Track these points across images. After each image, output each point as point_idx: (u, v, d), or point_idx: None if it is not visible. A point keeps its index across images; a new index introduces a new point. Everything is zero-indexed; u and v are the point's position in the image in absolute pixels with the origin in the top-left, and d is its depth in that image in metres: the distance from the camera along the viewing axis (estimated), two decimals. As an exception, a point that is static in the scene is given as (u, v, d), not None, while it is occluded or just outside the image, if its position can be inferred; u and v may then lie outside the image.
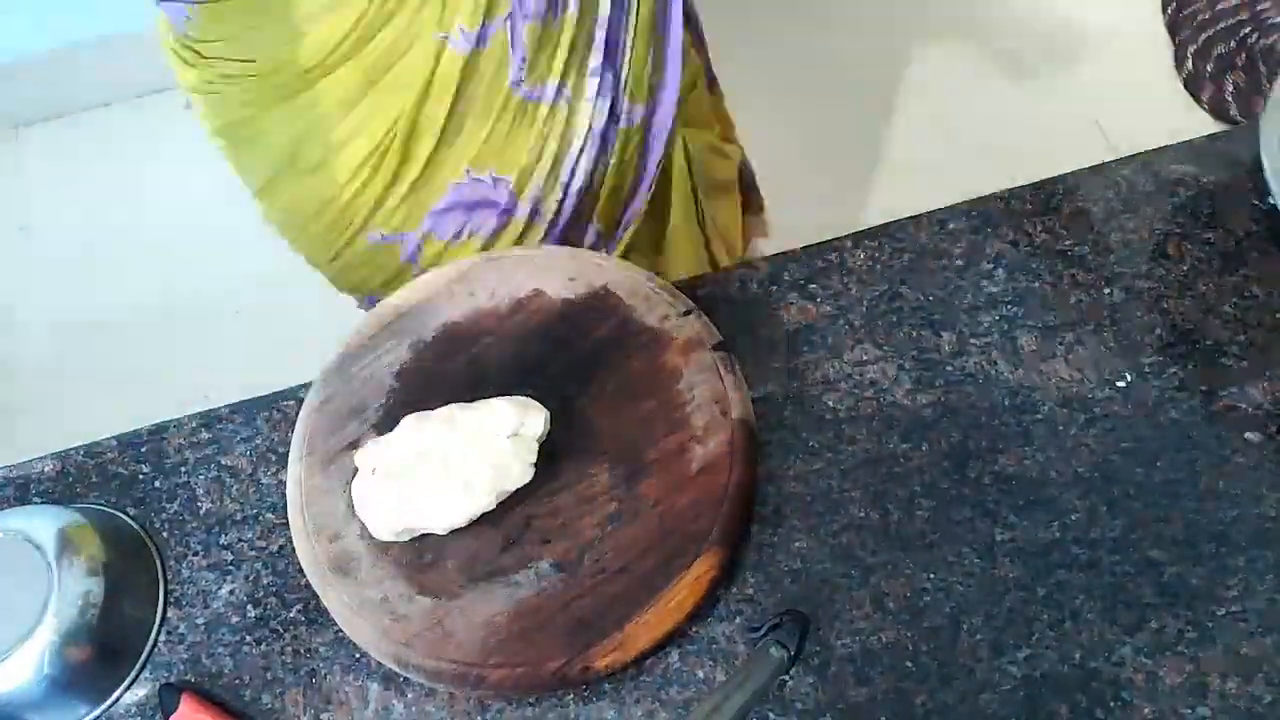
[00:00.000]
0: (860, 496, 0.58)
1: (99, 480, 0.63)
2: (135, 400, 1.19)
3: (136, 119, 1.86)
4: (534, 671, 0.52)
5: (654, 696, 0.54)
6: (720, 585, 0.55)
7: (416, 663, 0.53)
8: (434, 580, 0.55)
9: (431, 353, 0.62)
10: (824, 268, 0.66)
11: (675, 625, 0.53)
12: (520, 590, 0.54)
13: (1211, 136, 0.69)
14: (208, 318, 1.64)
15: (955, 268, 0.65)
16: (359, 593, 0.55)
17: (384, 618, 0.54)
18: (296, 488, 0.58)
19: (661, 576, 0.53)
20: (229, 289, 1.64)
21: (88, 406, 1.51)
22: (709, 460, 0.56)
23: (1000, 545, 0.56)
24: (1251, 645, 0.52)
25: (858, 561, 0.56)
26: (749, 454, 0.57)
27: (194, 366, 1.55)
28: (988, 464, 0.58)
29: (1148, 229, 0.66)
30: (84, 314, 1.67)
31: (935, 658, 0.54)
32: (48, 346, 1.66)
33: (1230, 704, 0.51)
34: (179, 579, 0.60)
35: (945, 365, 0.62)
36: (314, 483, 0.58)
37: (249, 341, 1.58)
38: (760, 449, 0.59)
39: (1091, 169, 0.68)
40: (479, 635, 0.53)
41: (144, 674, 0.57)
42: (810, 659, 0.54)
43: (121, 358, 1.62)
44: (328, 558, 0.56)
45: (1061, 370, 0.61)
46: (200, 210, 1.74)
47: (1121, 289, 0.63)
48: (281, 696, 0.56)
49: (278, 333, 1.44)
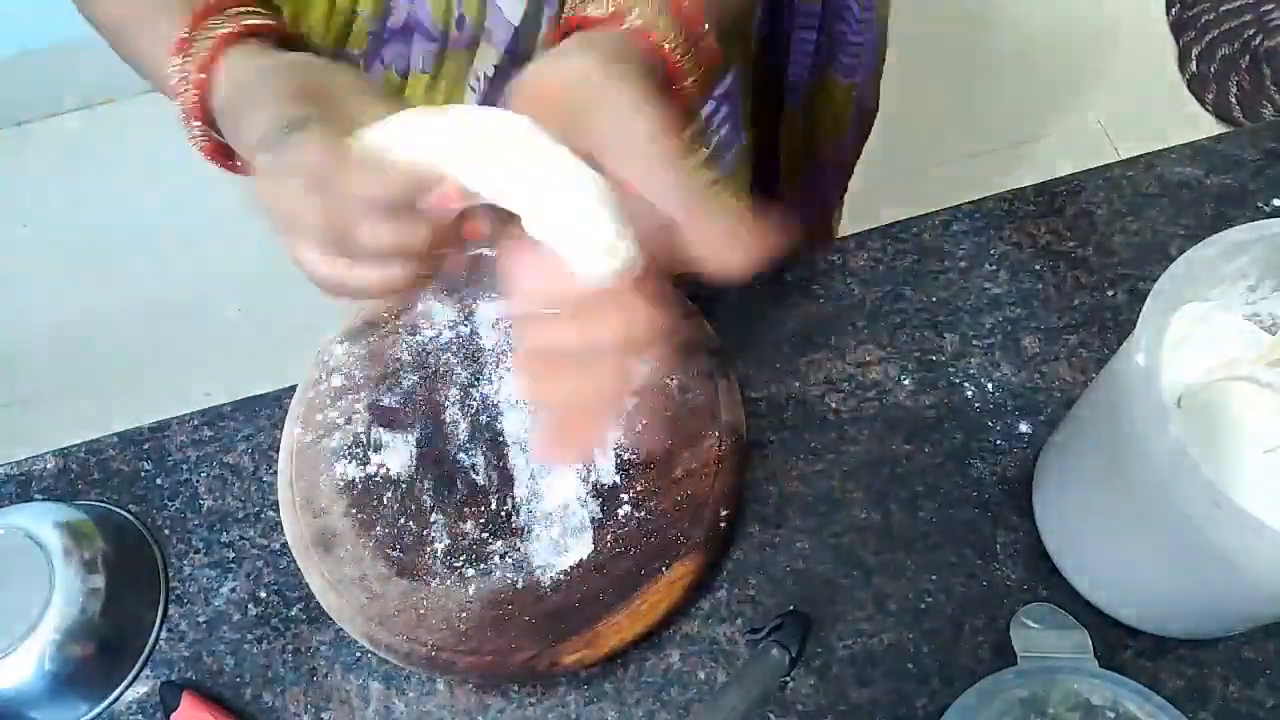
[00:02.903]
0: (862, 497, 0.58)
1: (101, 477, 0.63)
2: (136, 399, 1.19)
3: (137, 117, 1.86)
4: (502, 661, 0.52)
5: (655, 697, 0.54)
6: (698, 590, 0.55)
7: (388, 642, 0.53)
8: (412, 562, 0.55)
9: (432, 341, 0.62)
10: (826, 268, 0.66)
11: (648, 627, 0.53)
12: (496, 580, 0.54)
13: (1215, 138, 0.69)
14: (208, 317, 1.64)
15: (958, 269, 0.65)
16: (338, 569, 0.55)
17: (360, 595, 0.54)
18: (288, 461, 0.59)
19: (637, 578, 0.54)
20: (229, 288, 1.65)
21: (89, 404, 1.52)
22: (694, 466, 0.56)
23: (1004, 547, 0.56)
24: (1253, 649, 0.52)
25: (859, 562, 0.56)
26: (735, 461, 0.57)
27: (194, 365, 1.56)
28: (990, 465, 0.58)
29: (1151, 231, 0.66)
30: (84, 312, 1.68)
31: (937, 659, 0.54)
32: (48, 344, 1.66)
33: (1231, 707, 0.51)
34: (180, 576, 0.60)
35: (948, 366, 0.62)
36: (305, 457, 0.59)
37: (249, 341, 1.58)
38: (749, 456, 0.59)
39: (1095, 170, 0.68)
40: (452, 621, 0.53)
41: (145, 671, 0.57)
42: (812, 660, 0.54)
43: (122, 356, 1.62)
44: (311, 532, 0.56)
45: (1064, 372, 0.61)
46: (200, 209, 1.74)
47: (1125, 291, 0.63)
48: (282, 694, 0.56)
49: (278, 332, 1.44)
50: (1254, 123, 1.69)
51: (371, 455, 0.58)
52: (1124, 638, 0.53)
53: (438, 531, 0.56)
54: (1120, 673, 0.48)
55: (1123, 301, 0.63)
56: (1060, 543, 0.54)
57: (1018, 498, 0.57)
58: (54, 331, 1.67)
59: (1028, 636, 0.51)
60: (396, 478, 0.58)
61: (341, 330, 0.63)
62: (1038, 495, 0.56)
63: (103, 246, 1.73)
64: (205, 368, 1.52)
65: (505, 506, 0.56)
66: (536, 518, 0.56)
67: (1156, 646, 0.53)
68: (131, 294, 1.68)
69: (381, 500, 0.57)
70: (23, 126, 1.88)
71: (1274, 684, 0.52)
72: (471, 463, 0.58)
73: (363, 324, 0.63)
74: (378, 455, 0.58)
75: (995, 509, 0.57)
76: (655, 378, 0.59)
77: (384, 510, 0.57)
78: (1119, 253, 0.65)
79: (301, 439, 0.59)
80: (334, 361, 0.62)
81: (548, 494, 0.56)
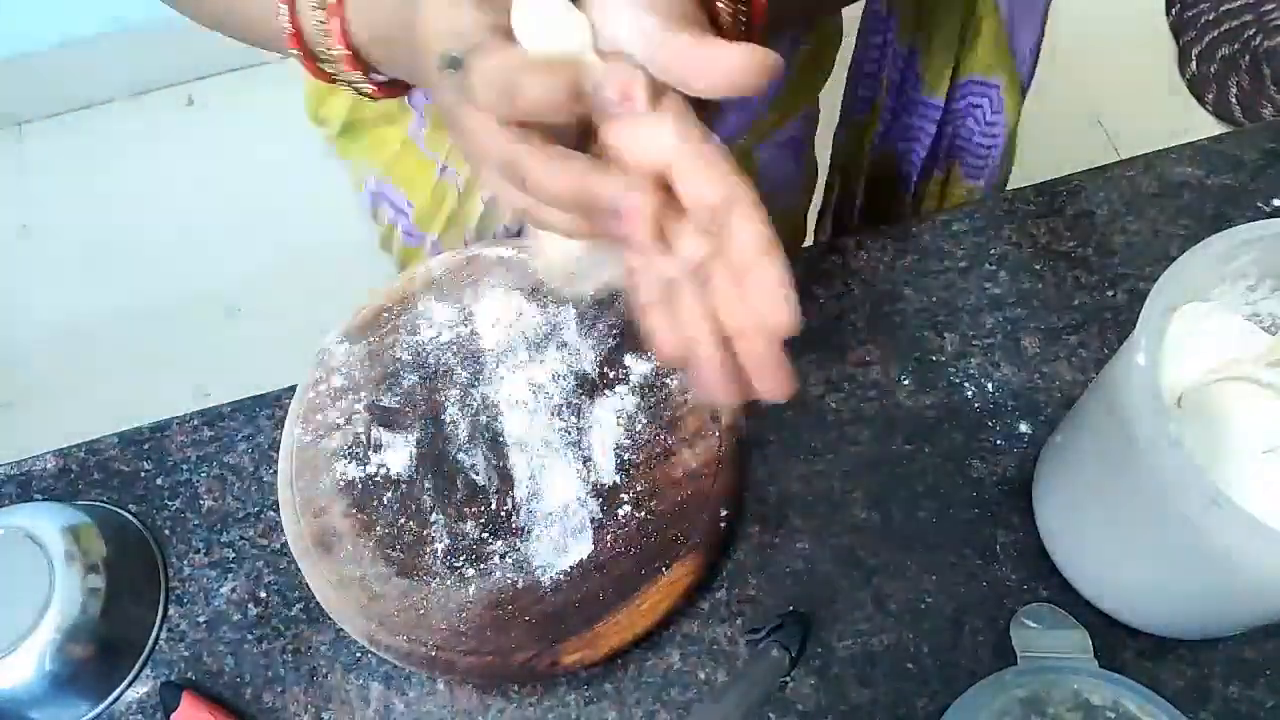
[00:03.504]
0: (862, 498, 0.58)
1: (100, 477, 0.63)
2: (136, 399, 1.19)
3: (137, 116, 1.86)
4: (502, 661, 0.52)
5: (655, 697, 0.54)
6: (698, 590, 0.55)
7: (388, 642, 0.53)
8: (412, 562, 0.55)
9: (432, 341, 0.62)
10: (827, 268, 0.66)
11: (647, 628, 0.53)
12: (496, 580, 0.54)
13: (1215, 138, 0.69)
14: (208, 316, 1.64)
15: (958, 269, 0.65)
16: (338, 569, 0.55)
17: (360, 595, 0.54)
18: (288, 461, 0.59)
19: (637, 578, 0.53)
20: (230, 288, 1.65)
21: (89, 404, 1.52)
22: (695, 466, 0.56)
23: (1004, 547, 0.56)
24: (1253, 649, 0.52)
25: (859, 563, 0.56)
26: (736, 462, 0.57)
27: (194, 365, 1.56)
28: (990, 465, 0.58)
29: (1151, 231, 0.66)
30: (85, 312, 1.67)
31: (937, 659, 0.54)
32: (49, 344, 1.66)
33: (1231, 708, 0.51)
34: (180, 576, 0.60)
35: (948, 366, 0.62)
36: (305, 457, 0.59)
37: (249, 340, 1.58)
38: (749, 457, 0.59)
39: (1095, 170, 0.68)
40: (451, 621, 0.53)
41: (145, 671, 0.57)
42: (811, 660, 0.54)
43: (122, 356, 1.62)
44: (311, 532, 0.56)
45: (1064, 372, 0.61)
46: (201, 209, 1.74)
47: (1125, 291, 0.63)
48: (282, 695, 0.56)
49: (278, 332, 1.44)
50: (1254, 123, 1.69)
51: (371, 455, 0.58)
52: (1124, 638, 0.53)
53: (438, 531, 0.56)
54: (1120, 673, 0.48)
55: (1123, 301, 0.63)
56: (1060, 543, 0.54)
57: (1018, 498, 0.57)
58: (54, 331, 1.67)
59: (1028, 636, 0.51)
60: (396, 478, 0.58)
61: (341, 330, 0.63)
62: (1038, 495, 0.56)
63: (103, 246, 1.73)
64: (206, 368, 1.53)
65: (505, 506, 0.56)
66: (536, 518, 0.56)
67: (1156, 646, 0.53)
68: (132, 294, 1.68)
69: (381, 500, 0.57)
70: (23, 126, 1.88)
71: (1274, 684, 0.52)
72: (471, 463, 0.58)
73: (363, 324, 0.63)
74: (378, 455, 0.58)
75: (995, 509, 0.57)
76: (658, 378, 0.59)
77: (384, 510, 0.57)
78: (1119, 253, 0.65)
79: (301, 439, 0.59)
80: (334, 361, 0.62)
81: (548, 494, 0.56)
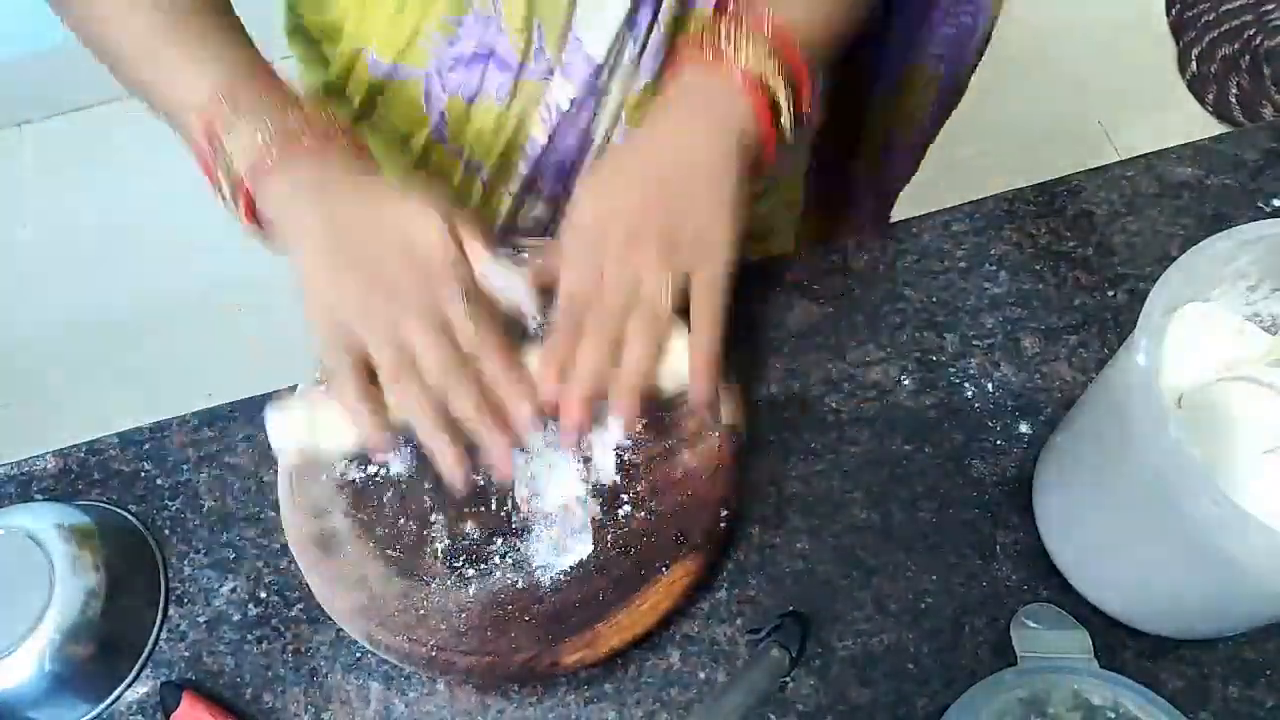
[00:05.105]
0: (862, 498, 0.58)
1: (101, 477, 0.63)
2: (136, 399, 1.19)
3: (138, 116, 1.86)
4: (502, 661, 0.52)
5: (655, 697, 0.54)
6: (698, 590, 0.55)
7: (388, 643, 0.53)
8: (412, 562, 0.55)
9: None
10: (827, 269, 0.66)
11: (647, 628, 0.53)
12: (496, 580, 0.54)
13: (1215, 138, 0.69)
14: (209, 317, 1.64)
15: (958, 269, 0.65)
16: (338, 569, 0.55)
17: (360, 595, 0.54)
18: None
19: (637, 578, 0.53)
20: (230, 288, 1.64)
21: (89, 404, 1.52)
22: (694, 466, 0.56)
23: (1004, 547, 0.56)
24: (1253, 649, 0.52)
25: (859, 563, 0.56)
26: (735, 461, 0.57)
27: (195, 365, 1.55)
28: (990, 465, 0.58)
29: (1151, 231, 0.66)
30: (85, 312, 1.68)
31: (937, 659, 0.54)
32: (49, 344, 1.66)
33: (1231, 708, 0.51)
34: (180, 577, 0.60)
35: (948, 366, 0.62)
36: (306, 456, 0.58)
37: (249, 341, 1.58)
38: (749, 456, 0.59)
39: (1095, 171, 0.68)
40: (451, 621, 0.53)
41: (145, 672, 0.57)
42: (811, 660, 0.54)
43: (122, 356, 1.62)
44: (311, 532, 0.56)
45: (1064, 372, 0.61)
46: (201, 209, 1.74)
47: (1125, 291, 0.63)
48: (282, 695, 0.56)
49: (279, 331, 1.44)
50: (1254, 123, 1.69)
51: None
52: (1124, 638, 0.53)
53: (438, 531, 0.56)
54: (1120, 673, 0.48)
55: (1123, 301, 0.63)
56: (1060, 543, 0.54)
57: (1018, 498, 0.57)
58: (54, 331, 1.67)
59: (1028, 636, 0.51)
60: (396, 478, 0.58)
61: None
62: (1038, 495, 0.56)
63: (103, 246, 1.73)
64: (205, 368, 1.52)
65: (505, 506, 0.56)
66: (536, 518, 0.56)
67: (1156, 646, 0.53)
68: (132, 294, 1.68)
69: (381, 500, 0.57)
70: (23, 127, 1.88)
71: (1274, 684, 0.52)
72: (472, 463, 0.58)
73: None
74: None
75: (995, 509, 0.57)
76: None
77: (384, 510, 0.57)
78: (1119, 253, 0.65)
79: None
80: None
81: (548, 494, 0.56)
